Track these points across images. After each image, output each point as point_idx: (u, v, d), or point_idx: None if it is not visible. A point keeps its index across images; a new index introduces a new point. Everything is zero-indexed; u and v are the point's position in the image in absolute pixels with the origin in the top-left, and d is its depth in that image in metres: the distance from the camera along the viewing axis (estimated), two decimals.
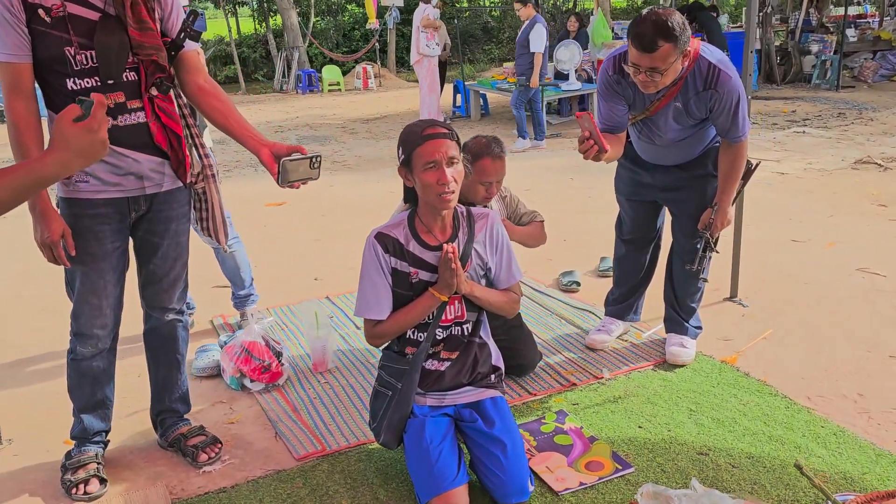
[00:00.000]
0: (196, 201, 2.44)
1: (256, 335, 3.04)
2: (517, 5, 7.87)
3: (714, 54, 2.66)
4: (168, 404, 2.62)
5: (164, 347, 2.55)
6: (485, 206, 2.88)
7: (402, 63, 18.57)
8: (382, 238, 2.28)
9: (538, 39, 7.32)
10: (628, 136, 2.98)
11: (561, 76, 9.42)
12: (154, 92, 2.17)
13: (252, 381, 2.97)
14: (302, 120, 11.02)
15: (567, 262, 4.30)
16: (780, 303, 3.62)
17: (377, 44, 16.42)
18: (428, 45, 9.28)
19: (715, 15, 10.48)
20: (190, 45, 2.26)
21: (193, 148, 2.35)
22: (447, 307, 2.31)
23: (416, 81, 10.63)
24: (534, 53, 7.44)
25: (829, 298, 3.65)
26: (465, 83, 10.38)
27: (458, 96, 10.67)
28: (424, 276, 2.28)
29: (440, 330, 2.34)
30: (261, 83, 17.16)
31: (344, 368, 3.17)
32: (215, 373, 3.13)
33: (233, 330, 3.54)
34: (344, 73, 15.84)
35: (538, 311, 3.66)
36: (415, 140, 2.18)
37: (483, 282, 2.39)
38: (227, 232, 2.46)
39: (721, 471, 2.37)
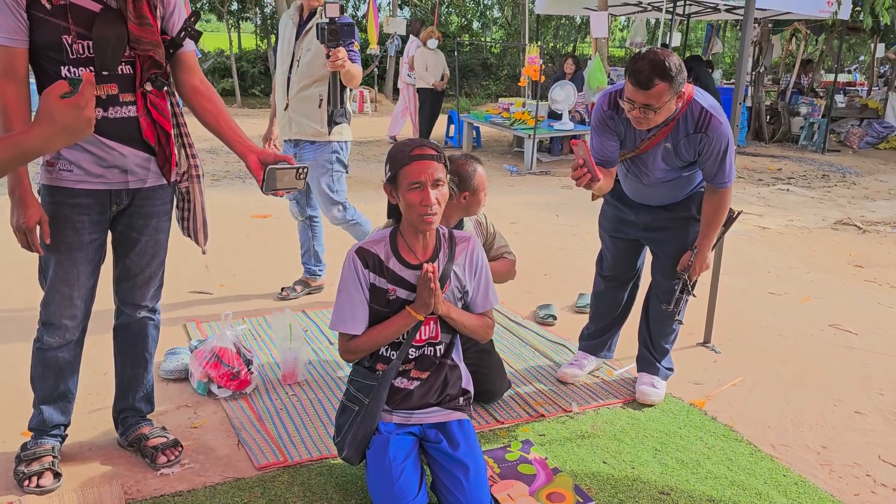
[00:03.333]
0: (179, 200, 2.44)
1: (228, 342, 3.01)
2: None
3: (706, 99, 2.72)
4: (131, 402, 2.59)
5: (132, 344, 2.52)
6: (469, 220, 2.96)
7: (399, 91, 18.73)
8: (363, 253, 2.29)
9: None
10: (617, 174, 3.02)
11: (555, 116, 9.55)
12: (148, 87, 2.18)
13: (219, 387, 2.95)
14: None
15: (545, 296, 4.32)
16: (752, 352, 3.65)
17: (376, 69, 16.56)
18: (409, 74, 10.48)
19: (710, 70, 10.70)
20: (189, 46, 2.28)
21: (182, 147, 2.36)
22: (422, 327, 2.31)
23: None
24: None
25: (800, 351, 3.69)
26: (460, 115, 10.48)
27: (452, 127, 10.77)
28: (402, 293, 2.28)
29: (413, 349, 2.34)
30: (257, 98, 17.22)
31: (313, 382, 3.15)
32: (183, 376, 3.10)
33: (205, 335, 3.51)
34: None
35: (513, 342, 3.66)
36: (402, 159, 2.19)
37: (459, 304, 2.39)
38: (207, 233, 2.46)
39: None
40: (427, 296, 2.22)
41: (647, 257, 3.22)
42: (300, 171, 2.16)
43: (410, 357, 2.35)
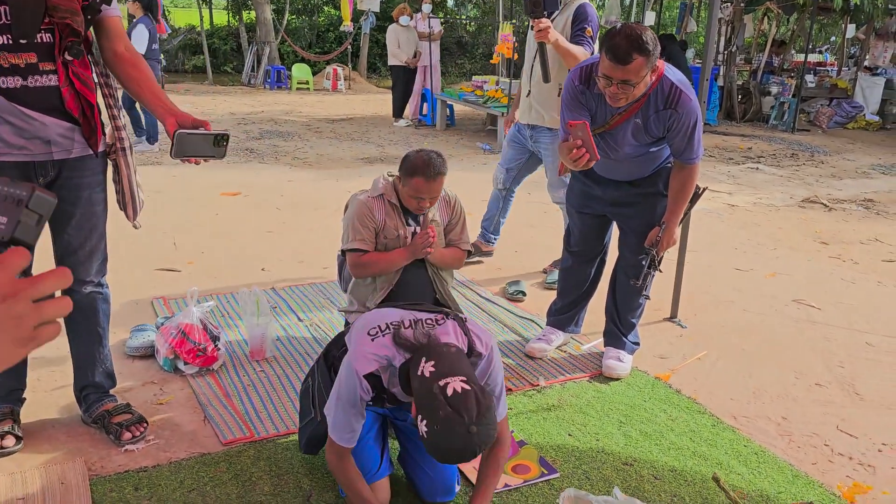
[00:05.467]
0: (113, 173, 2.40)
1: (194, 318, 2.99)
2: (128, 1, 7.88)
3: (676, 75, 2.73)
4: (91, 380, 2.56)
5: (83, 321, 2.48)
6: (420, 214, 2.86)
7: (374, 68, 18.56)
8: (369, 375, 2.00)
9: (139, 40, 7.29)
10: None
11: None
12: (67, 56, 2.12)
13: (186, 363, 2.93)
14: (267, 115, 10.93)
15: (515, 273, 4.34)
16: (717, 326, 3.71)
17: (350, 47, 16.40)
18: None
19: (684, 49, 10.72)
20: (109, 11, 2.22)
21: (110, 119, 2.32)
22: None
23: (386, 88, 10.82)
24: None
25: (763, 326, 3.75)
26: (433, 93, 10.43)
27: (425, 105, 10.71)
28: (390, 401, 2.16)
29: None
30: (229, 75, 16.98)
31: (281, 358, 3.14)
32: (149, 353, 3.07)
33: (172, 312, 3.48)
34: (314, 73, 15.77)
35: (482, 317, 3.68)
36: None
37: None
38: (137, 207, 2.40)
39: (644, 482, 2.41)
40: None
41: (614, 233, 3.24)
42: (219, 138, 2.08)
43: None
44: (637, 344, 3.24)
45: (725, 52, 11.97)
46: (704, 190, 3.08)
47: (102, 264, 2.47)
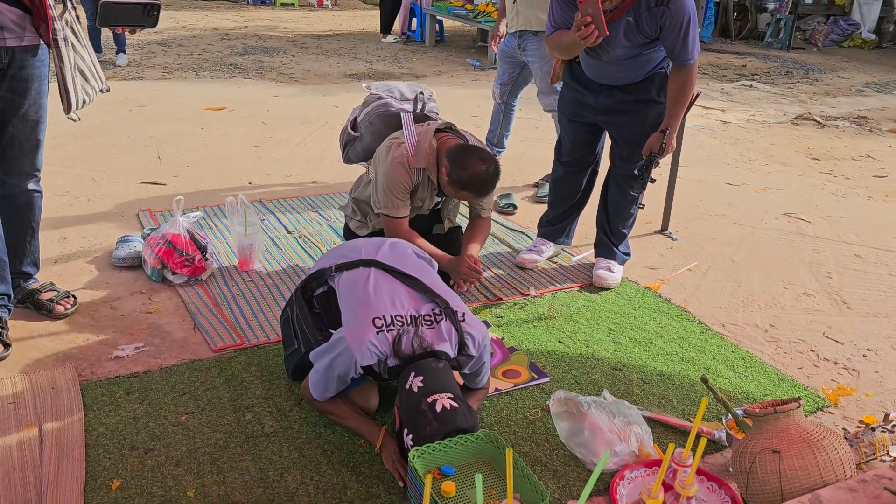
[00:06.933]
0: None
1: (181, 228, 2.94)
2: None
3: None
4: (19, 268, 2.63)
5: (19, 216, 2.54)
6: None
7: None
8: (367, 367, 2.01)
9: None
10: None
11: None
12: None
13: (174, 273, 2.90)
14: (251, 30, 10.60)
15: (506, 186, 4.29)
16: (708, 239, 3.70)
17: None
18: None
19: None
20: None
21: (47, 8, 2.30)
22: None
23: (373, 5, 10.42)
24: None
25: (753, 238, 3.75)
26: (422, 7, 10.11)
27: (414, 20, 10.40)
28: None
29: None
30: None
31: (270, 269, 3.12)
32: (136, 263, 3.04)
33: (158, 224, 3.43)
34: None
35: None
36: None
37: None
38: (70, 101, 2.40)
39: (632, 385, 2.44)
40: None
41: (606, 145, 3.19)
42: (149, 7, 2.03)
43: None
44: (628, 255, 3.24)
45: None
46: (698, 95, 3.01)
47: (41, 157, 2.52)
